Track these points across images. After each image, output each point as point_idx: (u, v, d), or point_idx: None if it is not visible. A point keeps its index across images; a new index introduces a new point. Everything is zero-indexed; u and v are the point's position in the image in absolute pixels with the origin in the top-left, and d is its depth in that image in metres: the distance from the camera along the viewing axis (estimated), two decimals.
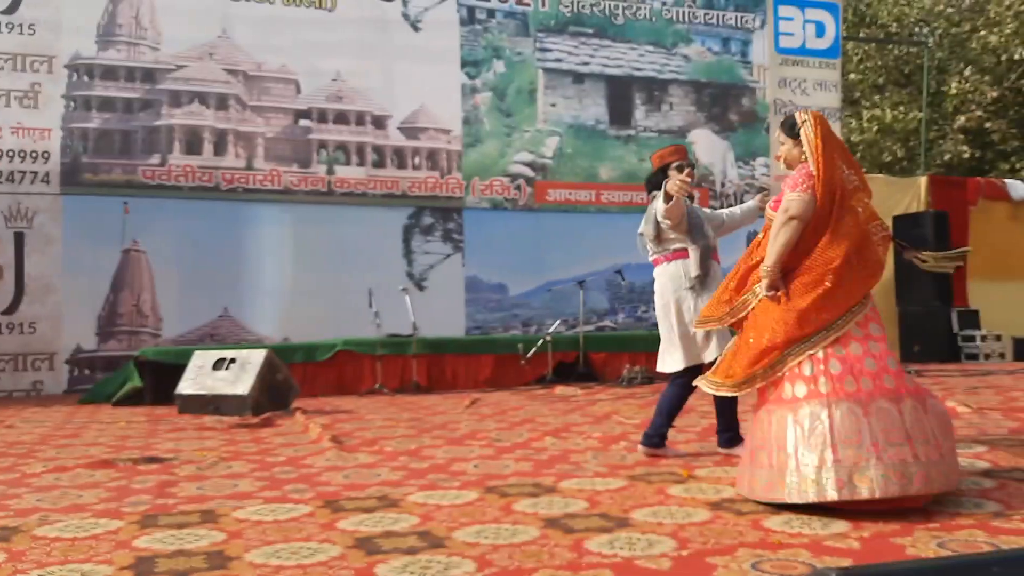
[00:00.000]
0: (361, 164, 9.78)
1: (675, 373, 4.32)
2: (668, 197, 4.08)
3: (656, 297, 4.44)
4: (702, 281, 4.24)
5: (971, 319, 11.02)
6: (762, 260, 3.35)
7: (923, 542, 2.64)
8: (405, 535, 2.84)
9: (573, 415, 6.23)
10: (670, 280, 4.34)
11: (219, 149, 9.33)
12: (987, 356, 10.68)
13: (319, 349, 8.44)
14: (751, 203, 4.62)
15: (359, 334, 8.59)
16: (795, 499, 2.99)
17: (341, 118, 9.76)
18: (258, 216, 9.44)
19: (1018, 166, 16.08)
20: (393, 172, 9.87)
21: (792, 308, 3.21)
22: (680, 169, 4.32)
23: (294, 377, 7.16)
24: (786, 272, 3.29)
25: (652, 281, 4.58)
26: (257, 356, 6.66)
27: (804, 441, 3.03)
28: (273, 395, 6.59)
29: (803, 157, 3.35)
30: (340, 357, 8.45)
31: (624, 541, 2.72)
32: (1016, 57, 14.66)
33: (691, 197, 4.40)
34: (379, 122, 9.86)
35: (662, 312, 4.39)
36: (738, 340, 3.44)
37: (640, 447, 4.36)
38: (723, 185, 11.00)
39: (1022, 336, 11.08)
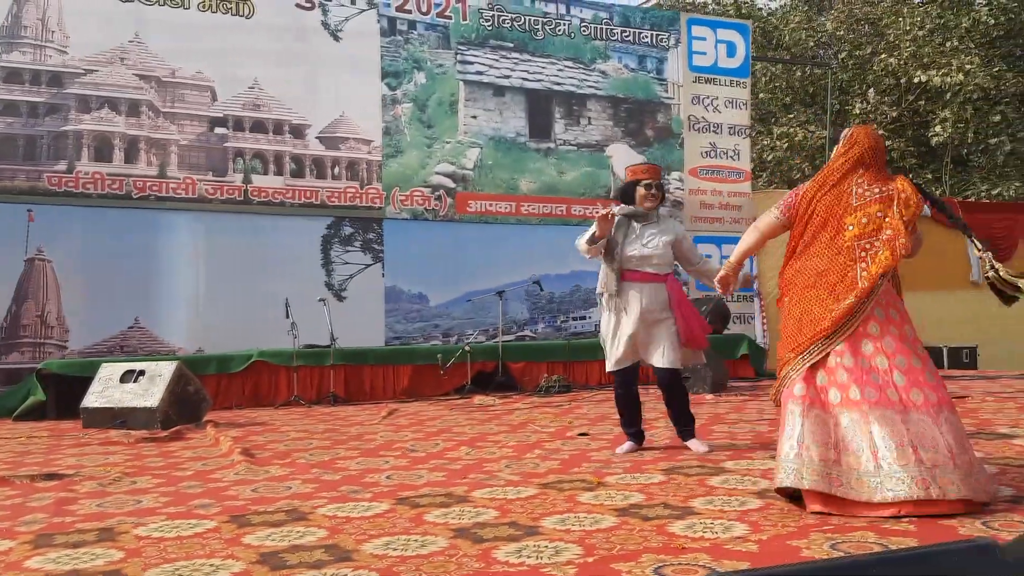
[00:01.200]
0: (279, 173, 9.66)
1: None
2: (594, 239, 4.53)
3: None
4: (602, 297, 4.66)
5: None
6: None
7: (817, 544, 2.75)
8: (312, 549, 2.83)
9: (490, 424, 6.28)
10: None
11: (130, 156, 9.10)
12: None
13: (234, 360, 8.30)
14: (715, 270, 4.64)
15: (275, 345, 8.48)
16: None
17: (258, 126, 9.63)
18: (171, 225, 9.22)
19: (916, 181, 16.80)
20: (312, 182, 9.78)
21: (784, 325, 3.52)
22: (647, 187, 4.63)
23: (207, 389, 7.04)
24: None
25: (571, 292, 4.83)
26: (167, 368, 6.53)
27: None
28: (184, 408, 6.47)
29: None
30: (255, 368, 8.34)
31: (532, 549, 2.76)
32: (916, 80, 15.37)
33: (643, 216, 4.66)
34: (298, 131, 9.77)
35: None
36: None
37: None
38: None
39: (933, 345, 11.57)
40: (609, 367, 4.72)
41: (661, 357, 4.58)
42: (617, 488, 3.72)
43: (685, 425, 4.74)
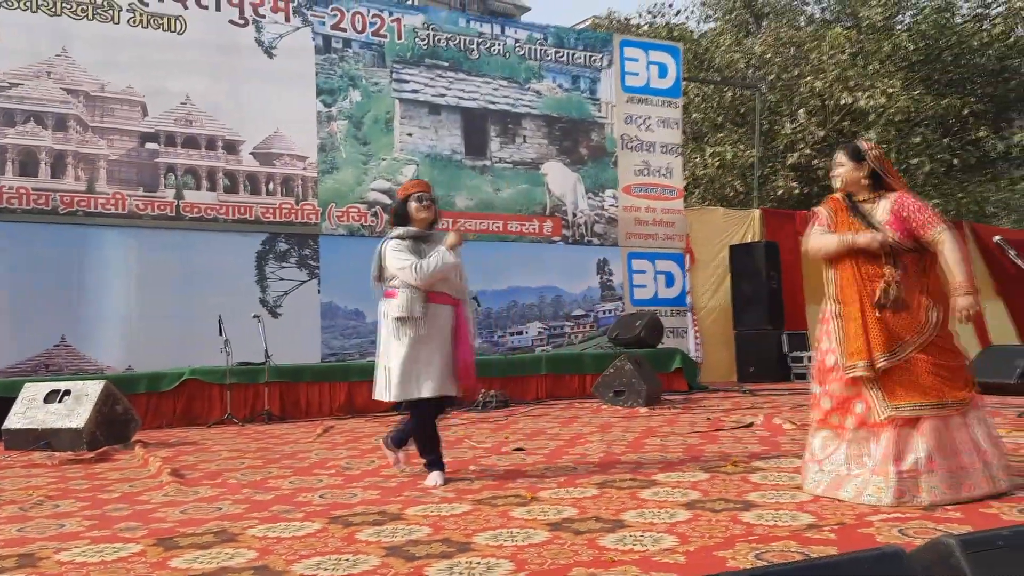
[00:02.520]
0: (212, 189, 9.53)
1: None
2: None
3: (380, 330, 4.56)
4: (406, 323, 4.36)
5: (799, 341, 11.78)
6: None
7: (743, 554, 2.83)
8: (241, 571, 2.80)
9: None
10: (383, 315, 4.52)
11: (57, 171, 8.88)
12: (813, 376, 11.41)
13: (165, 378, 8.14)
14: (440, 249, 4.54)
15: (208, 363, 8.33)
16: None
17: (191, 142, 9.49)
18: (100, 241, 9.02)
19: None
20: (246, 198, 9.67)
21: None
22: (420, 200, 4.50)
23: (136, 409, 6.89)
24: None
25: (507, 307, 4.77)
26: (94, 387, 6.38)
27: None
28: (111, 428, 6.32)
29: (863, 180, 3.67)
30: (187, 387, 8.18)
31: (464, 566, 2.79)
32: (841, 102, 15.89)
33: (422, 237, 4.50)
34: (231, 147, 9.66)
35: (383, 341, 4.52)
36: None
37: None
38: (574, 215, 11.36)
39: None
40: (403, 395, 4.38)
41: (451, 386, 4.47)
42: (550, 503, 3.76)
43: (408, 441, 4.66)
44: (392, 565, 2.82)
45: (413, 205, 4.51)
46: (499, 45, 11.12)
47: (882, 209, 3.66)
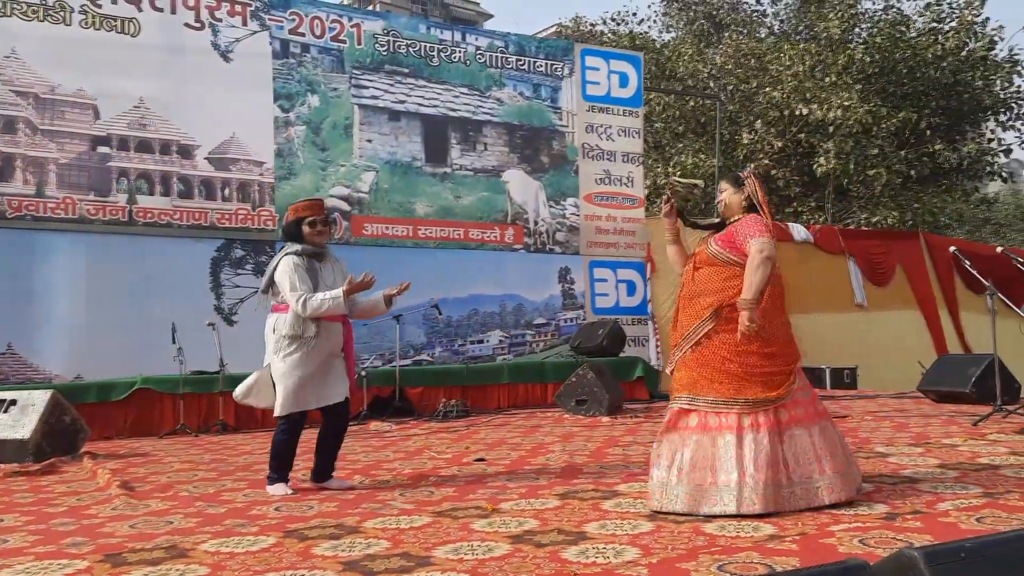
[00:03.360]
0: (166, 194, 9.33)
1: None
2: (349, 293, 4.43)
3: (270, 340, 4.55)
4: (295, 340, 4.39)
5: None
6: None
7: (705, 566, 2.80)
8: None
9: (386, 451, 6.19)
10: (268, 330, 4.53)
11: (5, 175, 8.63)
12: None
13: (115, 388, 7.95)
14: (378, 295, 4.79)
15: (161, 371, 8.15)
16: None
17: (144, 146, 9.29)
18: (49, 246, 8.78)
19: (800, 209, 17.60)
20: (201, 203, 9.49)
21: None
22: (312, 224, 4.52)
23: (85, 419, 6.70)
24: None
25: (468, 315, 4.75)
26: (41, 397, 6.19)
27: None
28: (59, 439, 6.14)
29: (743, 204, 3.93)
30: (138, 396, 8.00)
31: None
32: (798, 113, 16.10)
33: (319, 255, 4.57)
34: (186, 151, 9.47)
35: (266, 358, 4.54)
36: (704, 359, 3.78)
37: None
38: (536, 224, 11.34)
39: (804, 365, 12.03)
40: (289, 409, 4.45)
41: (341, 391, 4.54)
42: (512, 515, 3.71)
43: (333, 465, 4.68)
44: None
45: (306, 230, 4.52)
46: (460, 52, 11.07)
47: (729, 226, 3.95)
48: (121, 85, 9.20)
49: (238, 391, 4.57)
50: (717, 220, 4.08)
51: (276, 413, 4.46)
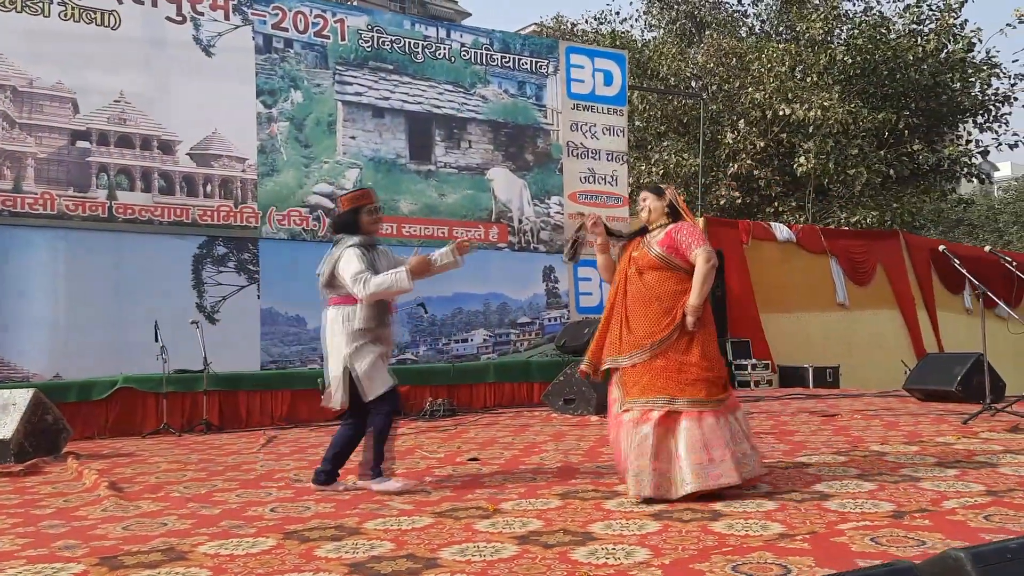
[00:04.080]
0: (147, 190, 9.17)
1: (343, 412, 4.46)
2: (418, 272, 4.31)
3: (322, 338, 4.50)
4: (369, 332, 4.33)
5: (743, 349, 11.90)
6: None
7: (719, 567, 2.75)
8: None
9: None
10: (339, 322, 4.38)
11: None
12: (757, 383, 11.55)
13: (97, 387, 7.80)
14: (445, 249, 4.64)
15: (143, 370, 8.01)
16: None
17: (124, 141, 9.12)
18: (27, 242, 8.60)
19: (781, 209, 17.68)
20: (183, 199, 9.34)
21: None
22: (371, 212, 4.48)
23: (67, 418, 6.56)
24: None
25: (453, 314, 4.65)
26: (22, 396, 6.05)
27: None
28: (41, 439, 6.00)
29: (666, 211, 4.21)
30: (121, 395, 7.86)
31: None
32: (780, 113, 16.16)
33: (373, 245, 4.50)
34: (167, 147, 9.31)
35: (329, 354, 4.44)
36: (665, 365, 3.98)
37: (313, 485, 4.44)
38: (520, 222, 11.28)
39: (787, 364, 12.09)
40: (384, 387, 4.37)
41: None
42: (514, 515, 3.65)
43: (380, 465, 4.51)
44: None
45: (365, 219, 4.45)
46: (444, 49, 10.98)
47: (661, 232, 4.18)
48: (101, 79, 9.04)
49: (330, 404, 4.46)
50: (640, 227, 4.33)
51: (373, 396, 4.32)
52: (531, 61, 11.59)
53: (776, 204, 17.85)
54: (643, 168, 17.33)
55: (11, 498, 4.48)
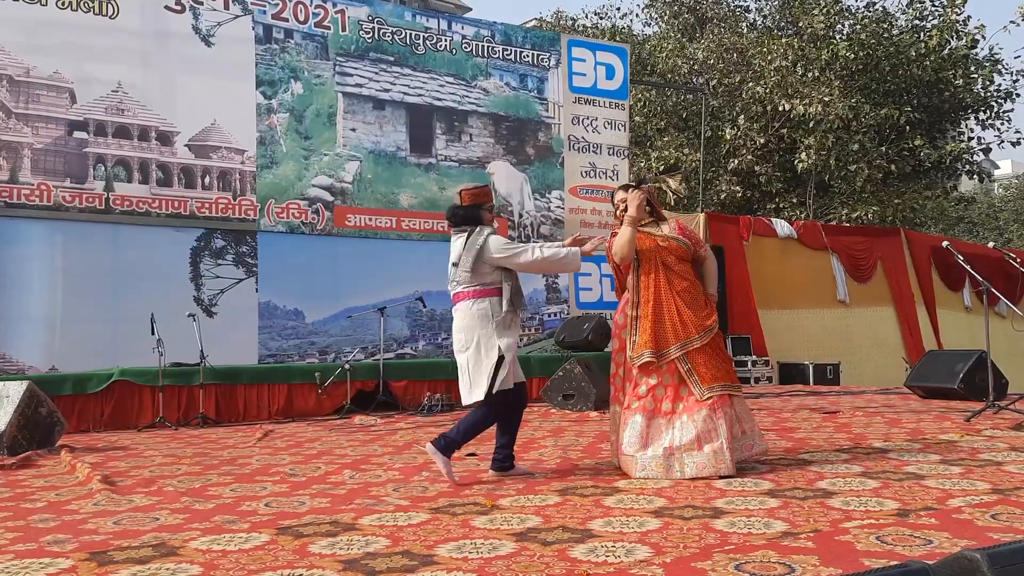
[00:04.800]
0: (144, 181, 9.11)
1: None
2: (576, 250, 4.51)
3: (463, 330, 4.41)
4: (510, 315, 4.38)
5: (743, 345, 11.84)
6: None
7: (722, 565, 2.69)
8: None
9: (373, 445, 6.04)
10: (479, 315, 4.35)
11: None
12: (757, 379, 11.50)
13: (92, 380, 7.74)
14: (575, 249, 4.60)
15: (139, 363, 7.96)
16: None
17: (122, 132, 9.06)
18: (23, 234, 8.54)
19: (782, 205, 17.61)
20: (181, 191, 9.28)
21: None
22: (490, 211, 4.57)
23: (62, 411, 6.50)
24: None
25: (452, 309, 4.58)
26: (16, 388, 5.99)
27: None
28: (35, 432, 5.94)
29: (645, 207, 4.43)
30: (116, 388, 7.81)
31: None
32: (781, 109, 16.07)
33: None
34: (165, 138, 9.25)
35: (472, 345, 4.37)
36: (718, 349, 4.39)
37: (492, 472, 4.50)
38: (521, 216, 11.22)
39: (787, 361, 12.04)
40: (506, 386, 4.32)
41: (522, 372, 4.57)
42: (512, 511, 3.59)
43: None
44: None
45: (487, 215, 4.55)
46: (446, 41, 10.91)
47: (668, 228, 4.49)
48: (99, 69, 8.97)
49: (470, 399, 4.40)
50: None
51: (496, 389, 4.28)
52: (533, 54, 11.52)
53: (777, 200, 17.77)
54: (643, 164, 17.25)
55: (3, 491, 4.42)
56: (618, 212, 4.50)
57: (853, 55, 16.23)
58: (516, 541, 3.06)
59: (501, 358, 4.28)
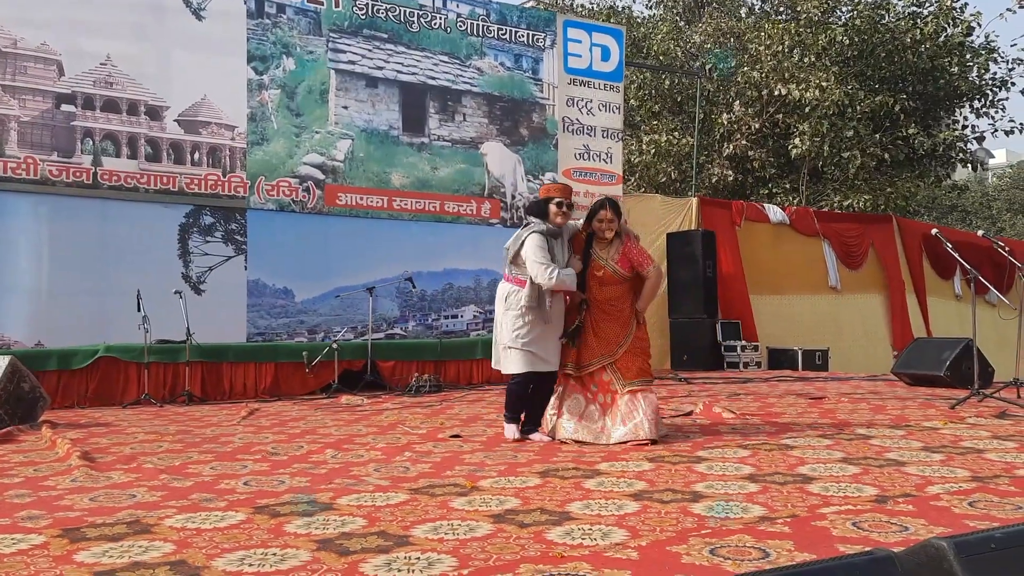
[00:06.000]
0: (133, 156, 9.03)
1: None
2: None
3: (497, 305, 5.22)
4: (532, 310, 4.94)
5: (733, 330, 11.84)
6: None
7: (697, 549, 2.69)
8: (155, 566, 2.54)
9: (358, 425, 6.03)
10: (503, 298, 5.10)
11: None
12: (746, 364, 11.51)
13: (77, 355, 7.70)
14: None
15: (125, 339, 7.91)
16: None
17: (111, 105, 8.96)
18: (10, 208, 8.46)
19: (775, 191, 17.56)
20: (169, 167, 9.20)
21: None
22: (559, 205, 5.04)
23: (45, 387, 6.48)
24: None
25: (443, 290, 4.79)
26: None
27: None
28: (17, 407, 5.91)
29: (621, 233, 5.10)
30: (101, 364, 7.76)
31: (402, 562, 2.58)
32: (776, 94, 16.00)
33: (556, 235, 5.08)
34: (154, 112, 9.16)
35: (496, 324, 5.24)
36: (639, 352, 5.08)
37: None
38: (513, 198, 11.17)
39: (776, 346, 12.05)
40: (523, 369, 5.02)
41: (555, 361, 5.09)
42: (492, 492, 3.58)
43: (539, 422, 5.21)
44: (324, 560, 2.59)
45: (553, 208, 5.05)
46: (440, 19, 10.81)
47: (615, 249, 5.08)
48: (87, 41, 8.86)
49: (499, 367, 5.23)
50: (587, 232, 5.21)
51: (510, 371, 5.08)
52: (528, 34, 11.43)
53: (770, 186, 17.73)
54: (634, 147, 17.18)
55: None
56: (604, 230, 5.05)
57: (849, 41, 16.16)
58: (493, 523, 3.05)
59: (508, 348, 5.01)
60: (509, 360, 5.05)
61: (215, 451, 4.85)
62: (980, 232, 7.76)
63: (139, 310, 7.66)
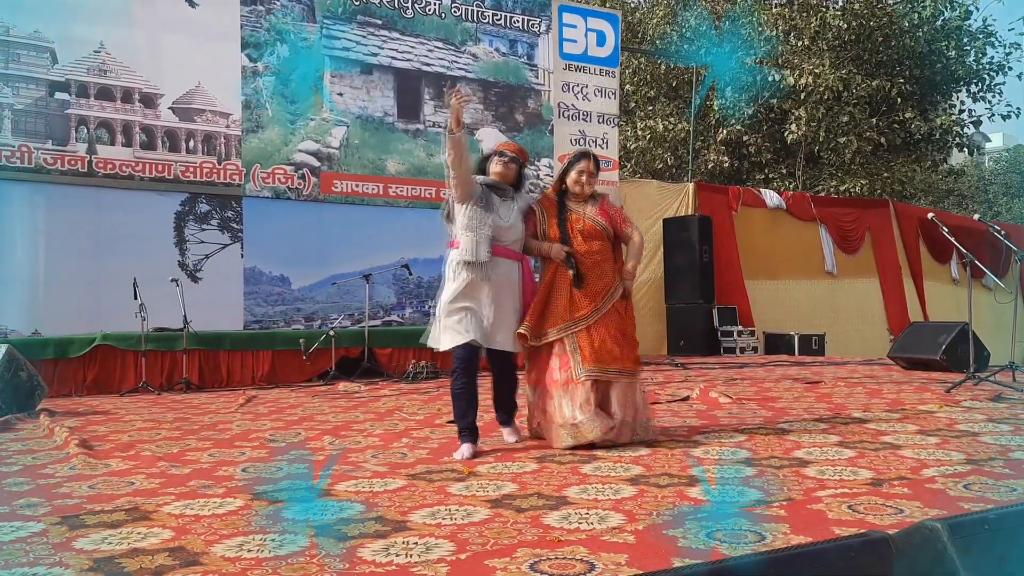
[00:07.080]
0: (128, 144, 9.01)
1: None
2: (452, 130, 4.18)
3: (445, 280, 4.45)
4: (468, 267, 4.25)
5: (729, 315, 11.87)
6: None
7: (693, 533, 2.70)
8: (154, 552, 2.55)
9: (355, 412, 6.04)
10: (448, 266, 4.39)
11: None
12: (742, 350, 11.54)
13: (74, 344, 7.70)
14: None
15: (122, 328, 7.91)
16: None
17: (105, 93, 8.93)
18: (4, 196, 8.45)
19: (771, 176, 17.56)
20: (165, 155, 9.18)
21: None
22: (500, 155, 4.52)
23: (43, 375, 6.48)
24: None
25: (439, 276, 4.59)
26: None
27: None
28: (15, 396, 5.92)
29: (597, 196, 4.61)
30: (99, 352, 7.77)
31: (400, 547, 2.59)
32: (769, 79, 15.96)
33: (500, 188, 4.44)
34: (149, 100, 9.13)
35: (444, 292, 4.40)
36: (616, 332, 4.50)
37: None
38: None
39: (773, 331, 12.08)
40: (446, 343, 4.27)
41: (508, 340, 4.37)
42: (489, 478, 3.59)
43: (509, 412, 4.68)
44: (323, 546, 2.60)
45: (494, 159, 4.52)
46: (435, 5, 10.77)
47: (591, 207, 4.55)
48: (80, 29, 8.83)
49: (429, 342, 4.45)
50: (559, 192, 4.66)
51: (434, 345, 4.36)
52: (523, 19, 11.39)
53: (766, 171, 17.72)
54: (629, 133, 17.14)
55: None
56: (583, 181, 4.51)
57: (845, 25, 16.11)
58: (491, 508, 3.06)
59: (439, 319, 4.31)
60: (443, 335, 4.28)
61: (213, 438, 4.86)
62: (976, 216, 7.77)
63: (136, 298, 7.66)
